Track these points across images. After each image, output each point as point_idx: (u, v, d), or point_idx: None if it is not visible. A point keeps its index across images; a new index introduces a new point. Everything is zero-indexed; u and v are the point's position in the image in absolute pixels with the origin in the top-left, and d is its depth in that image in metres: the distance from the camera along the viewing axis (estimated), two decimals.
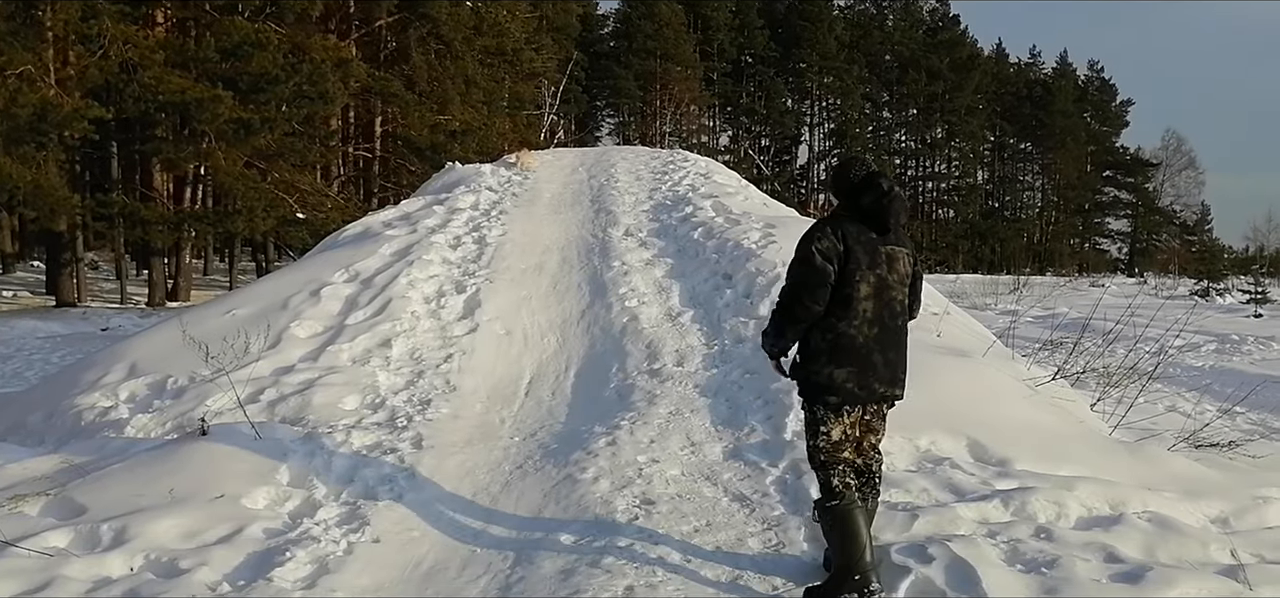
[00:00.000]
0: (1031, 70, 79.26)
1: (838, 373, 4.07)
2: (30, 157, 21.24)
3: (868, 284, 4.05)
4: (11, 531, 4.76)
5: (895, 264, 4.14)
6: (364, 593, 4.38)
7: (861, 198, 4.12)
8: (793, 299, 4.09)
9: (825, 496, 4.15)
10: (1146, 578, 4.17)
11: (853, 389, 4.09)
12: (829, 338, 4.07)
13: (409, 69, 31.71)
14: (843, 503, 4.07)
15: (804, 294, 4.05)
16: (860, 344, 4.07)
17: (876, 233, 4.11)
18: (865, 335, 4.07)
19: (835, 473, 4.13)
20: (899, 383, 4.22)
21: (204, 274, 37.94)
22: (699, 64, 65.45)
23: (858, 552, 4.01)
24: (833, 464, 4.14)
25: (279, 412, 6.85)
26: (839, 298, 4.04)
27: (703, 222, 12.21)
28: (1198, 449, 6.76)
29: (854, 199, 4.14)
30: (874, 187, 4.10)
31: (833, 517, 4.09)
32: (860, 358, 4.08)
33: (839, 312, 4.05)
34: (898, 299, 4.17)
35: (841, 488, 4.10)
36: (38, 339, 16.98)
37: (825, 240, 4.05)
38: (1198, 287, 35.23)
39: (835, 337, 4.06)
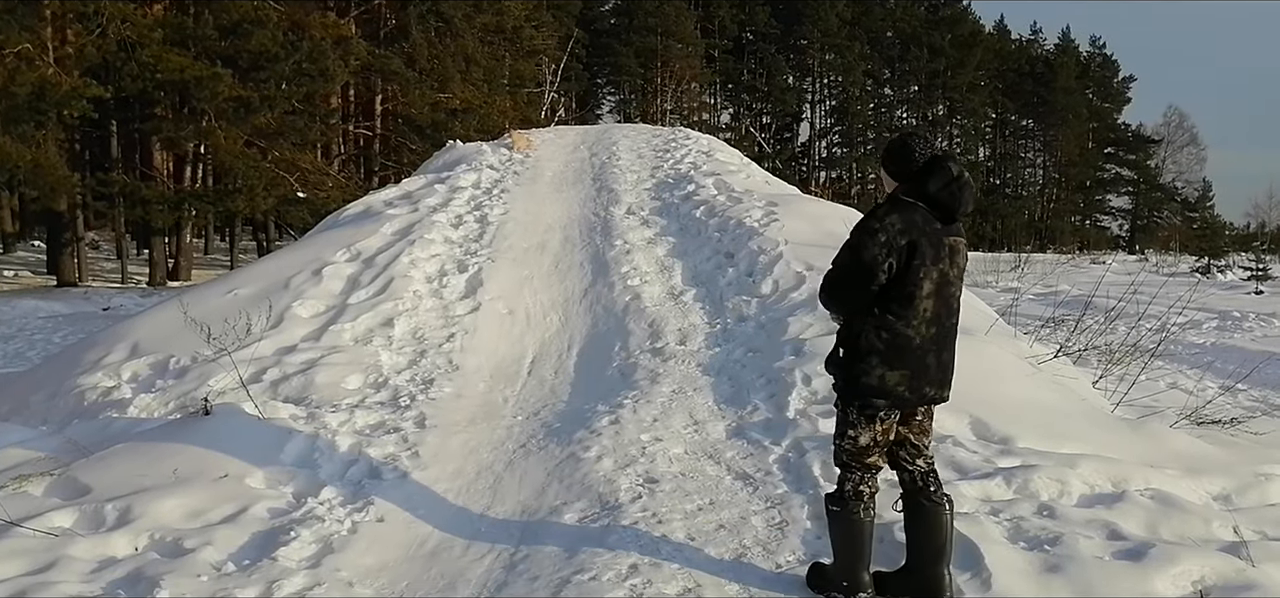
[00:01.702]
0: (1033, 47, 78.87)
1: (890, 376, 3.76)
2: (29, 136, 21.19)
3: (931, 281, 3.72)
4: (16, 511, 4.78)
5: (956, 257, 3.83)
6: (368, 572, 4.39)
7: (928, 183, 3.76)
8: (834, 286, 3.84)
9: (837, 500, 3.96)
10: (1149, 555, 4.19)
11: (903, 393, 3.80)
12: (885, 337, 3.74)
13: (409, 47, 31.55)
14: (845, 511, 3.90)
15: (846, 287, 3.79)
16: (917, 345, 3.76)
17: (941, 222, 3.77)
18: (923, 336, 3.76)
19: (851, 478, 3.91)
20: (948, 384, 3.94)
21: (205, 253, 37.91)
22: (700, 41, 65.19)
23: (852, 561, 3.90)
24: (851, 468, 3.91)
25: (282, 391, 6.85)
26: (900, 294, 3.71)
27: (705, 200, 12.19)
28: (1200, 426, 6.78)
29: (919, 183, 3.78)
30: (943, 170, 3.76)
31: (836, 521, 3.95)
32: (916, 360, 3.78)
33: (898, 309, 3.72)
34: (956, 295, 3.87)
35: (851, 495, 3.90)
36: (39, 319, 16.99)
37: (886, 233, 3.68)
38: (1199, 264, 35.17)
39: (892, 337, 3.74)
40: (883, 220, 3.71)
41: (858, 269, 3.70)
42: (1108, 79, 79.18)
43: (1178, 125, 77.31)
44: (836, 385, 3.92)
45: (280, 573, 4.25)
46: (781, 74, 70.24)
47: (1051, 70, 74.15)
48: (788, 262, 9.26)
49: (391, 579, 4.35)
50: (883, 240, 3.66)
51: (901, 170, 3.85)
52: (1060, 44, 78.11)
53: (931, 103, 73.46)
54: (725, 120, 69.73)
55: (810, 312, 7.97)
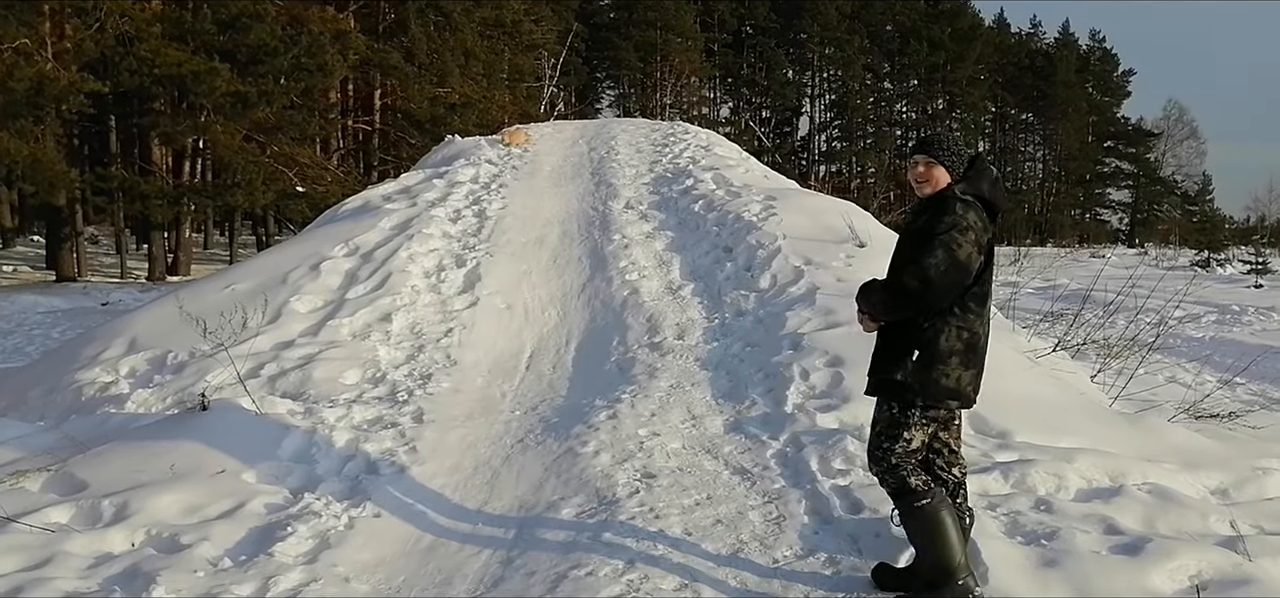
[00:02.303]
0: (1033, 40, 78.78)
1: (965, 376, 3.74)
2: (28, 131, 21.17)
3: (992, 280, 3.79)
4: (13, 506, 4.77)
5: (994, 254, 3.84)
6: (365, 568, 4.39)
7: (981, 182, 3.78)
8: (930, 286, 3.61)
9: (910, 497, 3.76)
10: (1146, 550, 4.18)
11: (970, 393, 3.79)
12: (965, 337, 3.71)
13: (408, 41, 31.49)
14: (933, 500, 3.73)
15: (943, 288, 3.63)
16: (982, 345, 3.79)
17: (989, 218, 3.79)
18: (985, 335, 3.80)
19: (912, 472, 3.78)
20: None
21: (204, 248, 37.89)
22: (699, 35, 65.06)
23: (954, 552, 3.73)
24: (904, 466, 3.78)
25: (279, 386, 6.85)
26: (978, 293, 3.71)
27: (703, 194, 12.18)
28: (1198, 420, 6.77)
29: (973, 182, 3.78)
30: (988, 169, 3.81)
31: (924, 518, 3.74)
32: (981, 360, 3.80)
33: (976, 308, 3.71)
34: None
35: (924, 486, 3.76)
36: (38, 314, 16.98)
37: (974, 230, 3.65)
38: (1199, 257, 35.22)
39: (970, 336, 3.72)
40: (967, 217, 3.67)
41: (955, 269, 3.62)
42: (1107, 73, 79.11)
43: (1178, 119, 77.30)
44: (896, 388, 3.76)
45: (277, 569, 4.25)
46: (781, 68, 70.11)
47: (1051, 64, 74.07)
48: (786, 256, 9.26)
49: (388, 575, 4.35)
50: (973, 238, 3.64)
51: (956, 166, 3.81)
52: (1060, 38, 78.06)
53: (931, 97, 73.36)
54: (725, 114, 69.65)
55: (808, 306, 7.97)
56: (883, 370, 3.82)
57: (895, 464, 3.79)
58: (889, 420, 3.81)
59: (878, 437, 3.84)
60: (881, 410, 3.86)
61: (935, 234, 3.63)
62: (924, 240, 3.65)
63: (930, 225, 3.68)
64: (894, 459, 3.79)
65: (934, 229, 3.65)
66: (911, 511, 3.78)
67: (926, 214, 3.77)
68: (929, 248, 3.61)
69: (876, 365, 3.88)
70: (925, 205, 3.83)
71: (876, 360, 3.88)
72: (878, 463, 3.84)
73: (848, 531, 4.52)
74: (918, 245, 3.67)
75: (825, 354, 6.82)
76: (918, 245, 3.67)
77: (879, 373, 3.85)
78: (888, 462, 3.80)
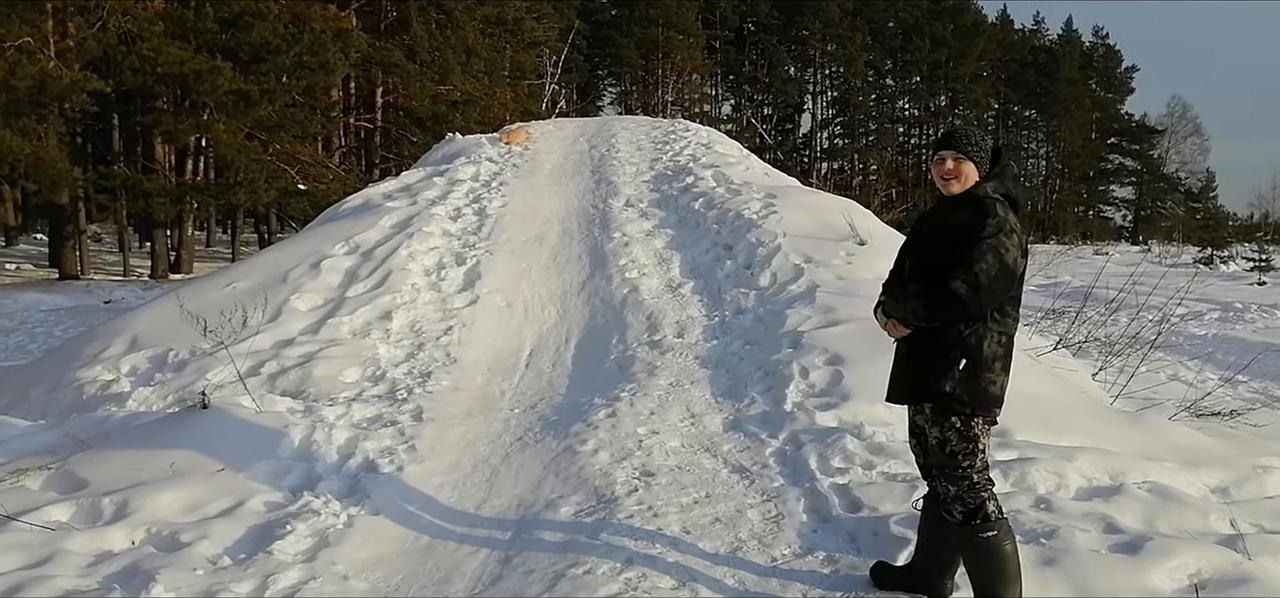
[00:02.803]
0: (1036, 37, 78.67)
1: (1006, 380, 3.60)
2: (30, 129, 21.21)
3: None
4: (13, 505, 4.78)
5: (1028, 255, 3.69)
6: (364, 566, 4.39)
7: (1006, 178, 3.65)
8: (982, 293, 3.41)
9: (982, 524, 3.56)
10: (1145, 548, 4.17)
11: (1003, 398, 3.63)
12: (1004, 342, 3.56)
13: (410, 39, 31.52)
14: (1001, 532, 3.58)
15: (993, 294, 3.46)
16: (1014, 346, 3.65)
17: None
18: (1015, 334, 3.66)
19: (991, 495, 3.60)
20: None
21: (206, 246, 37.95)
22: (701, 32, 64.98)
23: (1015, 590, 3.57)
24: (985, 487, 3.59)
25: (279, 385, 6.86)
26: (1015, 295, 3.57)
27: (704, 192, 12.18)
28: (1199, 419, 6.77)
29: (1001, 178, 3.64)
30: (1011, 165, 3.69)
31: (990, 549, 3.57)
32: (1012, 361, 3.65)
33: (1013, 312, 3.58)
34: None
35: (998, 512, 3.60)
36: (41, 312, 17.01)
37: (1017, 233, 3.51)
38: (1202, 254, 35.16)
39: (1008, 340, 3.58)
40: (1009, 218, 3.51)
41: (1004, 274, 3.44)
42: (1111, 69, 78.96)
43: (1181, 115, 77.23)
44: (948, 400, 3.56)
45: (276, 567, 4.25)
46: (783, 65, 70.05)
47: (1054, 61, 73.95)
48: (786, 254, 9.25)
49: (387, 573, 4.35)
50: (1017, 240, 3.49)
51: (984, 162, 3.66)
52: (1063, 34, 77.94)
53: (934, 93, 73.23)
54: (726, 112, 69.59)
55: (808, 304, 7.96)
56: (924, 381, 3.61)
57: (976, 483, 3.59)
58: (960, 436, 3.58)
59: (952, 456, 3.59)
60: (944, 428, 3.60)
61: (981, 237, 3.43)
62: (966, 243, 3.45)
63: (972, 227, 3.47)
64: (976, 477, 3.59)
65: (978, 232, 3.45)
66: (977, 539, 3.58)
67: (962, 213, 3.56)
68: (978, 252, 3.41)
69: (914, 375, 3.67)
70: (955, 204, 3.63)
71: (913, 369, 3.68)
72: (956, 483, 3.61)
73: (846, 529, 4.52)
74: (956, 248, 3.47)
75: (825, 352, 6.82)
76: (956, 248, 3.47)
77: (919, 383, 3.65)
78: (969, 480, 3.59)
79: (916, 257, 3.75)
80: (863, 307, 7.74)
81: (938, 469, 3.67)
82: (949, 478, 3.63)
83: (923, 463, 3.81)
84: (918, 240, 3.81)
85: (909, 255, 3.83)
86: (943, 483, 3.67)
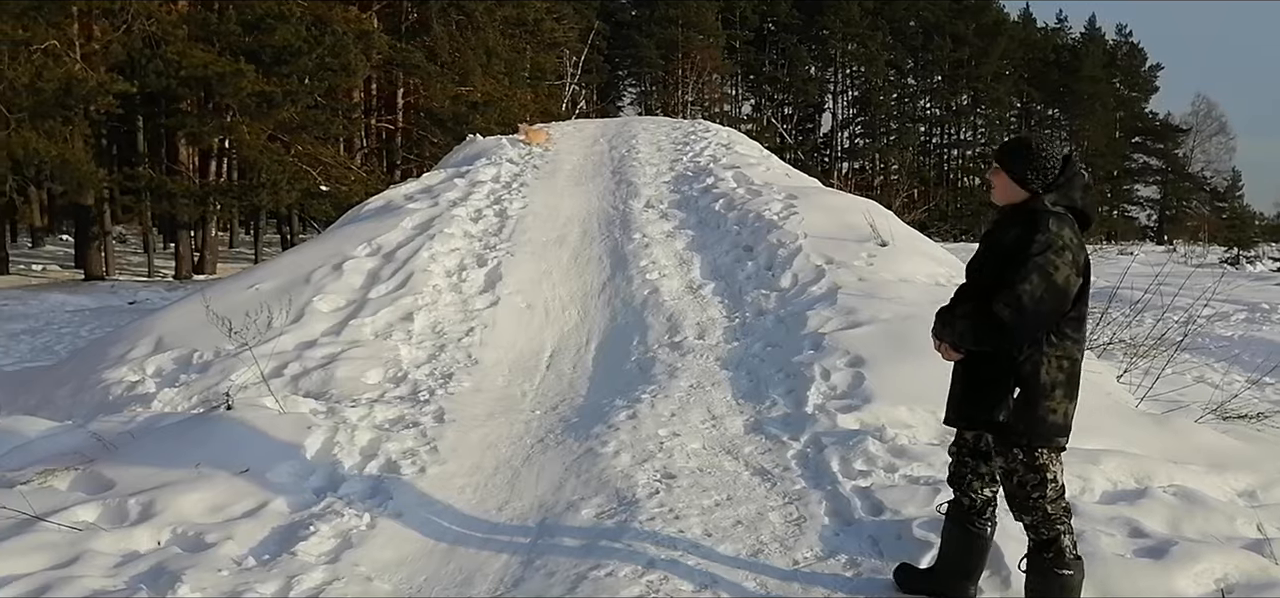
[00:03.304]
0: (1059, 35, 78.19)
1: (1071, 408, 3.40)
2: (57, 131, 21.43)
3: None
4: (41, 505, 4.82)
5: (1090, 272, 3.46)
6: (386, 567, 4.40)
7: (1074, 191, 3.41)
8: (1027, 316, 3.24)
9: (1055, 558, 3.43)
10: (1171, 553, 4.14)
11: (1068, 426, 3.44)
12: (1066, 366, 3.36)
13: (430, 40, 31.67)
14: (1078, 574, 3.44)
15: (1039, 318, 3.28)
16: (1080, 369, 3.44)
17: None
18: (1082, 358, 3.46)
19: (1068, 531, 3.45)
20: None
21: (230, 247, 38.24)
22: (721, 32, 64.97)
23: None
24: (1062, 519, 3.44)
25: (302, 386, 6.90)
26: (1075, 317, 3.37)
27: (724, 193, 12.17)
28: (1225, 421, 6.69)
29: (1065, 191, 3.41)
30: (1080, 175, 3.43)
31: (1062, 589, 3.43)
32: (1078, 386, 3.45)
33: (1075, 333, 3.37)
34: None
35: (1074, 550, 3.46)
36: (67, 313, 17.18)
37: (1071, 250, 3.30)
38: (1228, 254, 34.82)
39: (1071, 365, 3.38)
40: (1062, 234, 3.30)
41: (1052, 294, 3.25)
42: (1135, 67, 78.34)
43: (1206, 114, 76.47)
44: (1016, 433, 3.40)
45: (299, 568, 4.28)
46: (803, 64, 69.91)
47: (1077, 59, 73.45)
48: (807, 255, 9.23)
49: (409, 574, 4.37)
50: (1070, 258, 3.28)
51: (1041, 177, 3.40)
52: (1086, 32, 77.39)
53: (955, 93, 72.93)
54: (746, 111, 69.57)
55: (829, 306, 7.94)
56: (977, 409, 3.48)
57: (1051, 514, 3.43)
58: (1027, 466, 3.42)
59: (1021, 486, 3.45)
60: (1009, 459, 3.46)
61: (1028, 255, 3.25)
62: (1014, 261, 3.28)
63: (1020, 243, 3.30)
64: (1049, 509, 3.43)
65: (1025, 248, 3.28)
66: (1051, 573, 3.45)
67: (1014, 229, 3.39)
68: (1021, 271, 3.24)
69: (967, 400, 3.55)
70: (1009, 218, 3.47)
71: (966, 395, 3.55)
72: (1028, 513, 3.47)
73: (869, 532, 4.50)
74: (1006, 267, 3.30)
75: (846, 354, 6.80)
76: (1006, 267, 3.30)
77: (973, 410, 3.52)
78: (1042, 511, 3.44)
79: (971, 274, 3.61)
80: (884, 308, 7.73)
81: (1008, 499, 3.54)
82: (1020, 509, 3.50)
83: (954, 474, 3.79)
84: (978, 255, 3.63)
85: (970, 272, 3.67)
86: (1014, 513, 3.54)
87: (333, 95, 28.46)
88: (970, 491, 3.74)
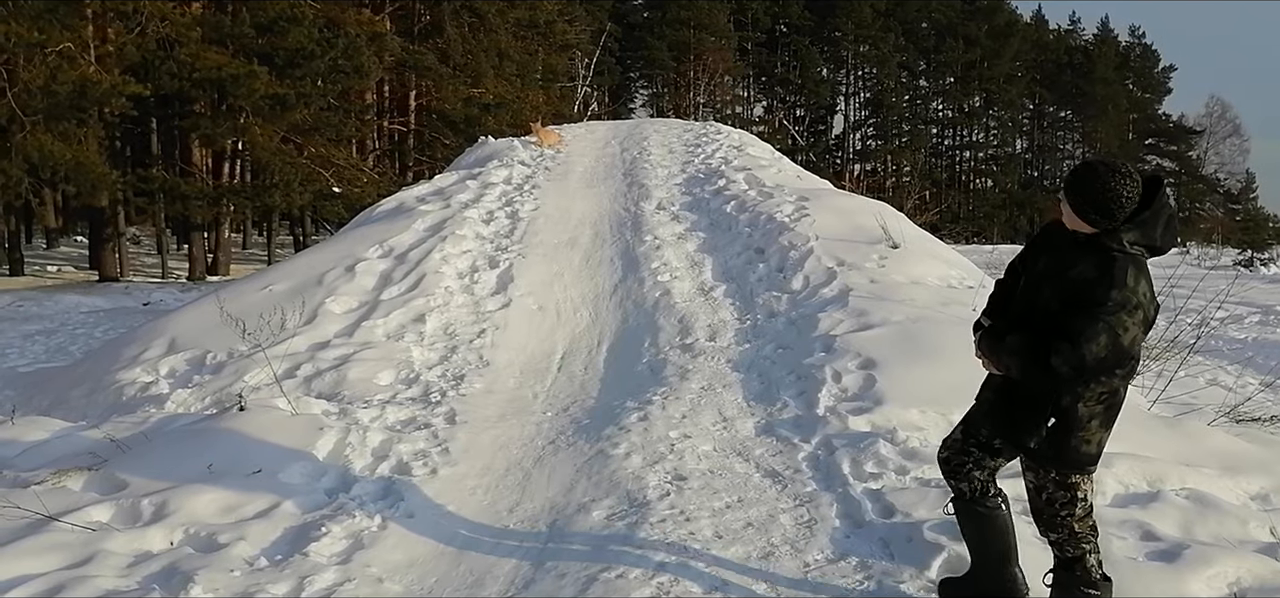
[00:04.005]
0: (1071, 36, 77.88)
1: (1106, 436, 3.34)
2: (71, 133, 21.54)
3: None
4: (55, 505, 4.86)
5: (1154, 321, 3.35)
6: (397, 568, 4.42)
7: (1155, 226, 3.15)
8: (1077, 375, 3.13)
9: (1083, 577, 3.44)
10: (1183, 556, 4.13)
11: (1100, 454, 3.41)
12: (1105, 398, 3.26)
13: (443, 42, 31.77)
14: (1107, 595, 3.48)
15: (1094, 374, 3.17)
16: (1122, 396, 3.35)
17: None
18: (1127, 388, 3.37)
19: (1094, 550, 3.45)
20: None
21: (243, 248, 38.39)
22: (733, 34, 64.98)
23: None
24: (1090, 538, 3.44)
25: (315, 387, 6.93)
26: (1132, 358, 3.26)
27: (735, 195, 12.16)
28: (1239, 424, 6.65)
29: (1147, 227, 3.15)
30: (1167, 207, 3.17)
31: None
32: (1117, 414, 3.37)
33: (1123, 373, 3.26)
34: None
35: (1099, 570, 3.47)
36: (81, 314, 17.27)
37: (1143, 309, 3.11)
38: (1242, 256, 34.63)
39: (1112, 396, 3.29)
40: (1139, 289, 3.09)
41: (1116, 355, 3.12)
42: (1147, 69, 78.02)
43: (1220, 115, 76.13)
44: (1047, 458, 3.37)
45: (311, 569, 4.29)
46: (815, 66, 69.79)
47: (1090, 60, 73.17)
48: (818, 257, 9.23)
49: (421, 575, 4.38)
50: (1142, 318, 3.12)
51: (1107, 217, 3.14)
52: (1099, 33, 77.10)
53: (967, 94, 72.70)
54: (758, 113, 69.50)
55: (841, 308, 7.94)
56: (1008, 429, 3.42)
57: (1077, 533, 3.43)
58: (1057, 485, 3.39)
59: (1049, 503, 3.43)
60: (1039, 476, 3.43)
61: (1099, 312, 3.06)
62: (1083, 309, 3.09)
63: (1093, 290, 3.09)
64: (1077, 527, 3.43)
65: (1099, 302, 3.07)
66: (1078, 591, 3.47)
67: (1085, 264, 3.16)
68: (1090, 329, 3.05)
69: (1000, 418, 3.48)
70: (1082, 245, 3.21)
71: (998, 409, 3.48)
72: (1055, 530, 3.46)
73: (880, 535, 4.49)
74: (1071, 307, 3.12)
75: (858, 356, 6.79)
76: (1071, 307, 3.12)
77: (1005, 432, 3.46)
78: (1069, 529, 3.43)
79: (1027, 290, 3.41)
80: (896, 311, 7.72)
81: (1035, 515, 3.52)
82: (1047, 525, 3.48)
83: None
84: (1032, 263, 3.44)
85: (1021, 275, 3.50)
86: (1041, 528, 3.53)
87: (345, 97, 28.55)
88: (968, 478, 3.67)
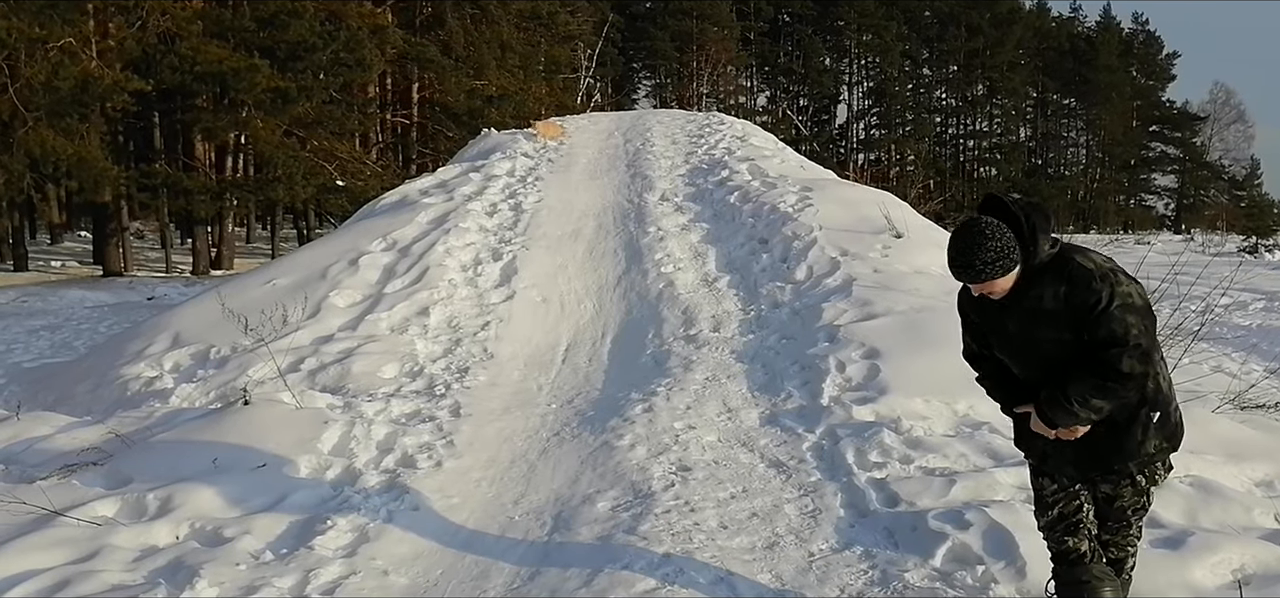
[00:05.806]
0: (1074, 24, 77.53)
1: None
2: (73, 129, 21.52)
3: None
4: (61, 500, 4.87)
5: None
6: (403, 561, 4.43)
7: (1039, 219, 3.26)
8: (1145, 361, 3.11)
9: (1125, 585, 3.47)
10: (1187, 543, 4.13)
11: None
12: (1164, 365, 3.33)
13: (445, 35, 31.68)
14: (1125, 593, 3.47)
15: (1154, 348, 3.22)
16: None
17: None
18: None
19: (1134, 554, 3.51)
20: None
21: (246, 242, 38.38)
22: (736, 24, 64.75)
23: None
24: (1136, 544, 3.50)
25: (319, 381, 6.94)
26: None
27: (739, 185, 12.14)
28: (1243, 411, 6.64)
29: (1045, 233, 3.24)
30: (1019, 203, 3.28)
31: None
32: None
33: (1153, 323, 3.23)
34: None
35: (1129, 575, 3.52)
36: (85, 309, 17.28)
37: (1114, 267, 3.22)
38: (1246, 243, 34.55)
39: (1163, 361, 3.34)
40: (1098, 262, 3.18)
41: (1149, 316, 3.16)
42: (1151, 56, 77.68)
43: (1224, 102, 75.78)
44: (1147, 460, 3.32)
45: (317, 562, 4.31)
46: (818, 56, 69.62)
47: (1093, 48, 72.86)
48: (822, 247, 9.22)
49: (426, 568, 4.39)
50: (1123, 276, 3.19)
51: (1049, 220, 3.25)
52: (1102, 21, 76.79)
53: (970, 83, 72.49)
54: (762, 103, 69.30)
55: (845, 298, 7.93)
56: (1122, 458, 3.28)
57: (1133, 535, 3.45)
58: (1134, 491, 3.35)
59: (1121, 511, 3.38)
60: (1119, 484, 3.34)
61: (1104, 301, 3.06)
62: (1091, 320, 3.08)
63: (1084, 297, 3.08)
64: (1134, 532, 3.45)
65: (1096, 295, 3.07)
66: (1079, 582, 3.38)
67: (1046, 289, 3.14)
68: (1118, 324, 3.05)
69: (1087, 454, 3.30)
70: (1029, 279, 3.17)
71: (1085, 448, 3.28)
72: (1119, 534, 3.44)
73: (884, 524, 4.49)
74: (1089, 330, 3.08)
75: (862, 346, 6.79)
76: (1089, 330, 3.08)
77: (1119, 462, 3.30)
78: (1130, 532, 3.45)
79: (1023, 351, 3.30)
80: (900, 300, 7.72)
81: (1102, 520, 3.44)
82: (1113, 531, 3.44)
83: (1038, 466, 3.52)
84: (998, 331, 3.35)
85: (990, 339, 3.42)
86: (1104, 533, 3.45)
87: (348, 91, 28.51)
88: (1090, 523, 3.43)
